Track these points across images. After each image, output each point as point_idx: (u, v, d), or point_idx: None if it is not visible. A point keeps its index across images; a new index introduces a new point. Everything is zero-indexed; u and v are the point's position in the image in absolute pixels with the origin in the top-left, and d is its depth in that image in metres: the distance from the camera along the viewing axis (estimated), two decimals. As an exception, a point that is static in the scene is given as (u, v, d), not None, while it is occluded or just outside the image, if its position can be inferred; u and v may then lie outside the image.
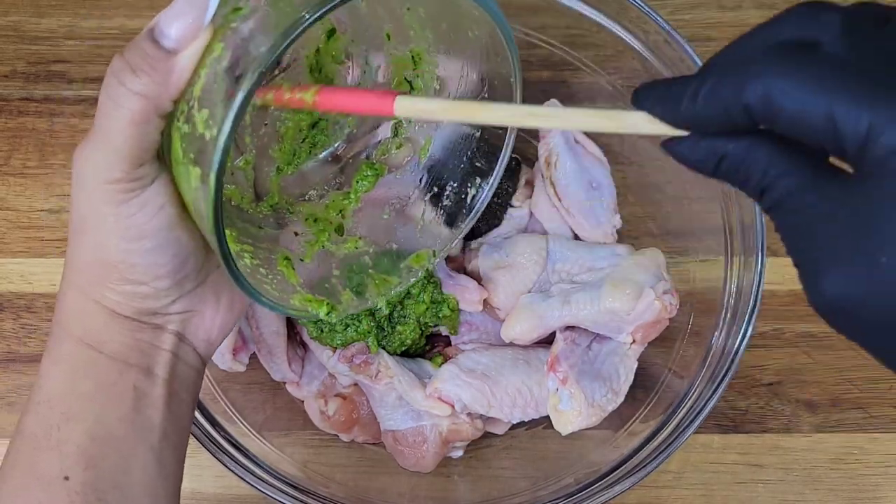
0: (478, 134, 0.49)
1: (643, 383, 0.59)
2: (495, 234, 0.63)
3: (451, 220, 0.50)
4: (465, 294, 0.60)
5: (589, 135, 0.65)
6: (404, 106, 0.37)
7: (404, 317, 0.59)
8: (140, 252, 0.39)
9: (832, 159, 0.29)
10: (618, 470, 0.54)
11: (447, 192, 0.50)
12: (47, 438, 0.39)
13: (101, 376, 0.40)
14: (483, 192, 0.49)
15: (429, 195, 0.51)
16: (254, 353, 0.61)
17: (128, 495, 0.40)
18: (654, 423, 0.55)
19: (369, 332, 0.58)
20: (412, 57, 0.47)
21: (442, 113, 0.37)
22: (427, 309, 0.59)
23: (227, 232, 0.38)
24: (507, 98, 0.44)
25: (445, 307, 0.60)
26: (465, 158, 0.49)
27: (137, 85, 0.35)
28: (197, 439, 0.53)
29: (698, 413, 0.53)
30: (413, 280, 0.49)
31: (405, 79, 0.48)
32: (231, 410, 0.58)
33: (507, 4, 0.63)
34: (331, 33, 0.47)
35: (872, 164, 0.26)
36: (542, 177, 0.63)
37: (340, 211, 0.50)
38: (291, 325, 0.62)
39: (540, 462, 0.61)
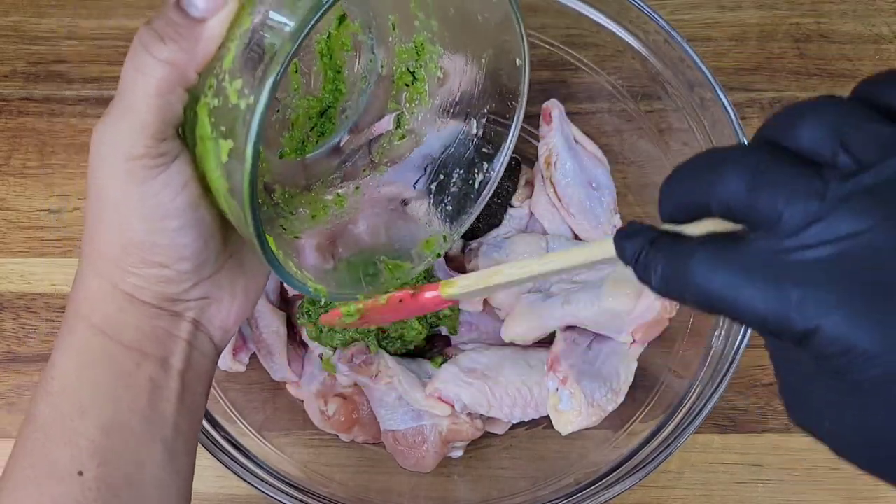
0: (484, 120, 0.49)
1: (643, 383, 0.59)
2: (495, 234, 0.63)
3: (459, 207, 0.50)
4: (465, 294, 0.60)
5: (589, 135, 0.65)
6: (451, 293, 0.42)
7: (407, 319, 0.59)
8: (164, 232, 0.38)
9: None
10: (618, 470, 0.54)
11: (454, 180, 0.50)
12: (62, 430, 0.38)
13: (117, 367, 0.40)
14: (491, 177, 0.49)
15: (435, 183, 0.50)
16: (254, 353, 0.61)
17: (141, 492, 0.39)
18: (654, 423, 0.55)
19: (369, 332, 0.58)
20: (415, 47, 0.47)
21: (484, 283, 0.41)
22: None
23: None
24: (514, 87, 0.44)
25: (446, 307, 0.60)
26: (471, 145, 0.49)
27: (165, 52, 0.35)
28: (197, 439, 0.53)
29: (698, 413, 0.53)
30: (426, 264, 0.49)
31: (408, 69, 0.48)
32: (231, 410, 0.58)
33: (507, 4, 0.64)
34: (342, 19, 0.47)
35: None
36: (542, 177, 0.63)
37: (342, 203, 0.49)
38: (291, 325, 0.62)
39: (540, 462, 0.61)
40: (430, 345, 0.63)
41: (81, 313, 0.40)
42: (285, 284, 0.62)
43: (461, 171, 0.50)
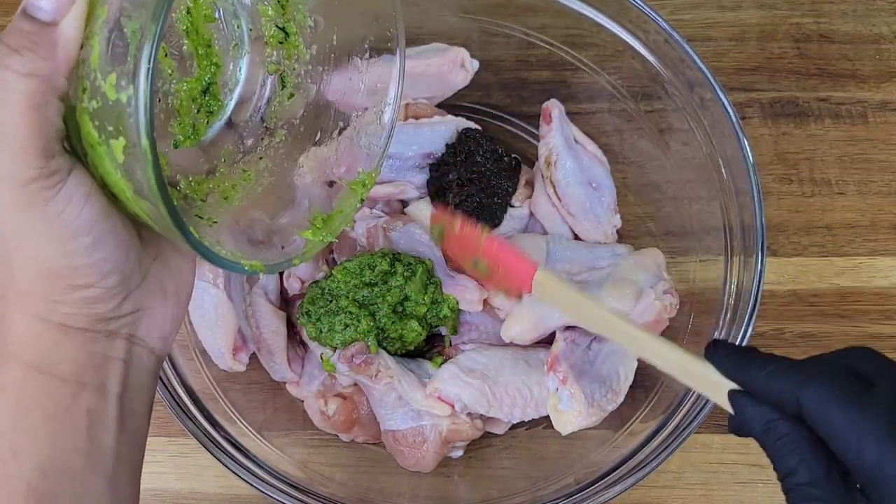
0: (368, 55, 0.47)
1: (643, 383, 0.59)
2: (495, 234, 0.63)
3: (373, 146, 0.48)
4: (465, 294, 0.60)
5: (589, 135, 0.65)
6: (541, 291, 0.47)
7: (405, 318, 0.59)
8: (80, 251, 0.36)
9: None
10: (618, 470, 0.54)
11: (359, 123, 0.49)
12: None
13: (52, 404, 0.37)
14: (391, 106, 0.47)
15: (339, 133, 0.49)
16: (254, 353, 0.61)
17: None
18: (654, 423, 0.55)
19: (369, 332, 0.58)
20: (278, 2, 0.46)
21: (575, 309, 0.46)
22: (427, 310, 0.59)
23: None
24: (387, 7, 0.44)
25: (445, 307, 0.60)
26: (362, 85, 0.47)
27: (24, 64, 0.33)
28: (197, 439, 0.53)
29: (698, 413, 0.53)
30: (356, 208, 0.47)
31: (277, 26, 0.47)
32: (231, 410, 0.58)
33: (507, 4, 0.64)
34: None
35: (877, 489, 0.34)
36: (542, 177, 0.63)
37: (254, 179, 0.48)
38: (291, 325, 0.62)
39: (540, 462, 0.61)
40: (430, 345, 0.63)
41: (13, 353, 0.38)
42: (285, 285, 0.62)
43: (361, 112, 0.48)
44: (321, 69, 0.48)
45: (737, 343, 0.54)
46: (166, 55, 0.44)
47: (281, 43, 0.47)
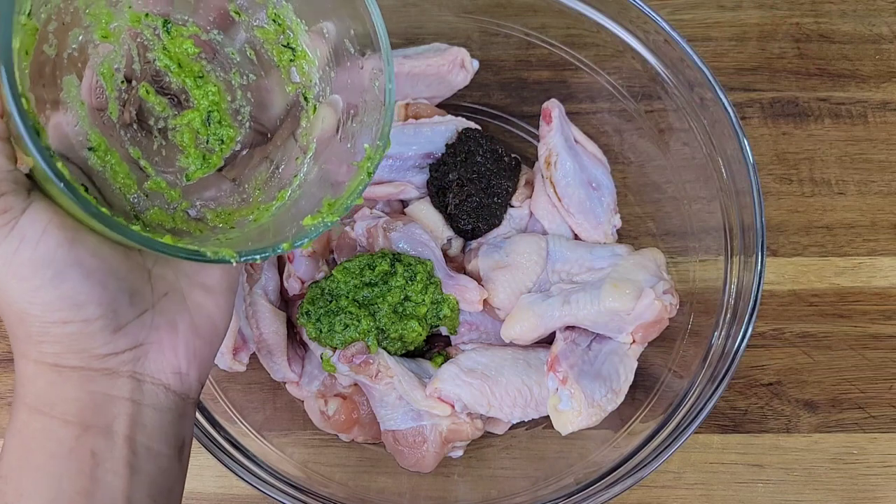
0: (356, 42, 0.46)
1: (643, 383, 0.59)
2: (495, 234, 0.63)
3: (375, 124, 0.46)
4: (465, 294, 0.60)
5: (589, 135, 0.65)
6: None
7: (405, 318, 0.59)
8: (45, 286, 0.35)
9: None
10: (618, 470, 0.54)
11: (363, 108, 0.47)
12: None
13: (54, 445, 0.37)
14: (385, 76, 0.46)
15: (352, 121, 0.48)
16: (254, 353, 0.61)
17: None
18: (654, 423, 0.55)
19: (369, 332, 0.58)
20: (273, 21, 0.46)
21: None
22: (427, 310, 0.59)
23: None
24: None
25: (445, 307, 0.60)
26: (359, 69, 0.47)
27: None
28: (197, 439, 0.53)
29: (698, 413, 0.53)
30: (364, 183, 0.45)
31: (283, 45, 0.47)
32: (231, 410, 0.58)
33: (507, 4, 0.64)
34: (165, 24, 0.45)
35: None
36: (542, 177, 0.63)
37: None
38: (291, 325, 0.62)
39: (540, 462, 0.61)
40: (430, 345, 0.63)
41: (19, 395, 0.38)
42: (285, 285, 0.62)
43: (365, 98, 0.47)
44: (331, 70, 0.47)
45: (736, 343, 0.54)
46: (151, 94, 0.45)
47: (292, 60, 0.47)
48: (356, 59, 0.46)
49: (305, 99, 0.48)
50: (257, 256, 0.40)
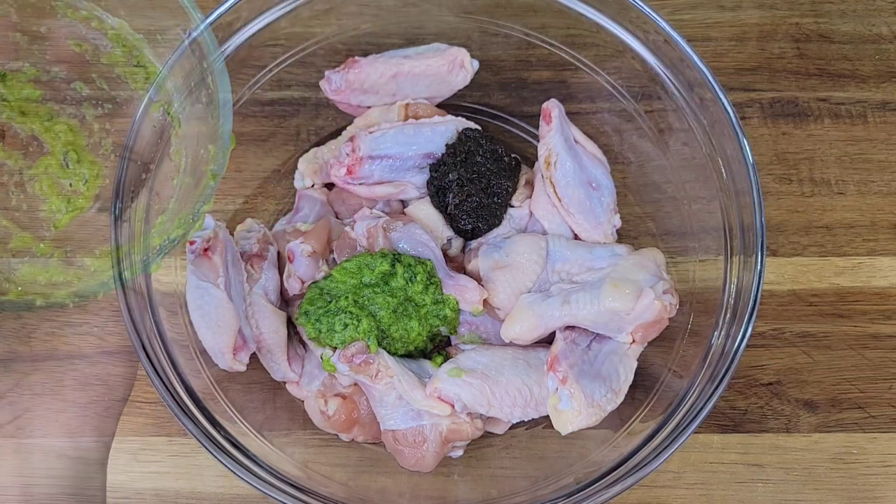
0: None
1: (643, 383, 0.59)
2: (495, 234, 0.63)
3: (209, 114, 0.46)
4: (465, 294, 0.60)
5: (589, 135, 0.65)
6: None
7: (406, 318, 0.59)
8: None
9: None
10: (618, 470, 0.54)
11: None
12: None
13: None
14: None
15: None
16: (254, 353, 0.61)
17: None
18: (654, 423, 0.55)
19: (369, 332, 0.58)
20: (114, 38, 0.45)
21: None
22: (428, 310, 0.59)
23: None
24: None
25: (446, 307, 0.60)
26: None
27: None
28: (197, 439, 0.53)
29: (698, 413, 0.53)
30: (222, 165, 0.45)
31: (133, 65, 0.46)
32: (231, 410, 0.58)
33: (507, 4, 0.64)
34: (3, 77, 0.44)
35: None
36: (542, 177, 0.63)
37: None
38: (291, 324, 0.62)
39: (540, 462, 0.61)
40: (430, 345, 0.63)
41: None
42: (285, 285, 0.62)
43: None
44: (178, 77, 0.47)
45: (736, 343, 0.54)
46: None
47: (146, 80, 0.46)
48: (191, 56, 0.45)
49: (169, 115, 0.47)
50: (99, 293, 0.39)
